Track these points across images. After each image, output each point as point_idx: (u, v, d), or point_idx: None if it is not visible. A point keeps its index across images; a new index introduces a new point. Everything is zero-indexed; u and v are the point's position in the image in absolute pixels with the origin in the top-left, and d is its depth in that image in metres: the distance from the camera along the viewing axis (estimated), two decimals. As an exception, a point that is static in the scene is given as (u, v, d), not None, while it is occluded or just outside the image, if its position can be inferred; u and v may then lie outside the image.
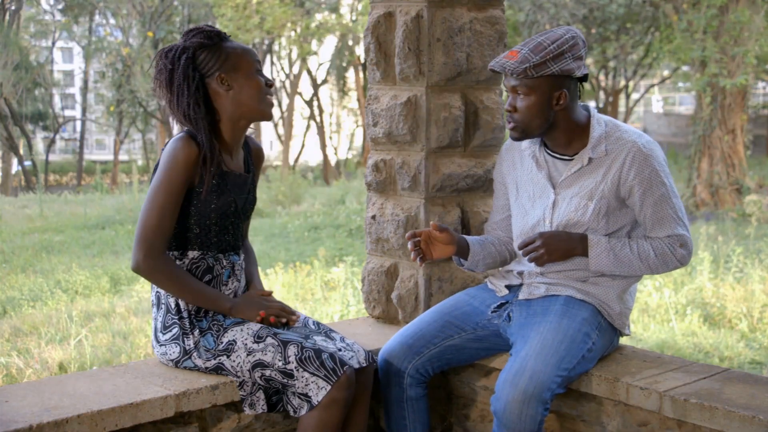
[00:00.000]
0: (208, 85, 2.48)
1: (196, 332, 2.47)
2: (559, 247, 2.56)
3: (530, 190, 2.70)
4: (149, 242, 2.40)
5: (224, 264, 2.56)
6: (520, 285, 2.72)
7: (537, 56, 2.47)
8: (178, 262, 2.49)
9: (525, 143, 2.71)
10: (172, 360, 2.51)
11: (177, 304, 2.48)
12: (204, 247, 2.51)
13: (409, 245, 2.63)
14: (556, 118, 2.56)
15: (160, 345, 2.52)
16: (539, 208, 2.66)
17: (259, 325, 2.48)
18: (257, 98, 2.50)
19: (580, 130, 2.59)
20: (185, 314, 2.48)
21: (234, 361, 2.43)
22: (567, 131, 2.59)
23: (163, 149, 2.47)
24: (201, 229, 2.50)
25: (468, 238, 2.77)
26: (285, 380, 2.41)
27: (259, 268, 8.27)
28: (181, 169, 2.40)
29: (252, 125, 2.64)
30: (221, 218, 2.52)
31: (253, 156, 2.69)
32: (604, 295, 2.61)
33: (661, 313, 6.68)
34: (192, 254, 2.51)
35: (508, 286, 2.75)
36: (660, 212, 2.53)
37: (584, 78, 2.58)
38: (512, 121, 2.58)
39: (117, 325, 6.60)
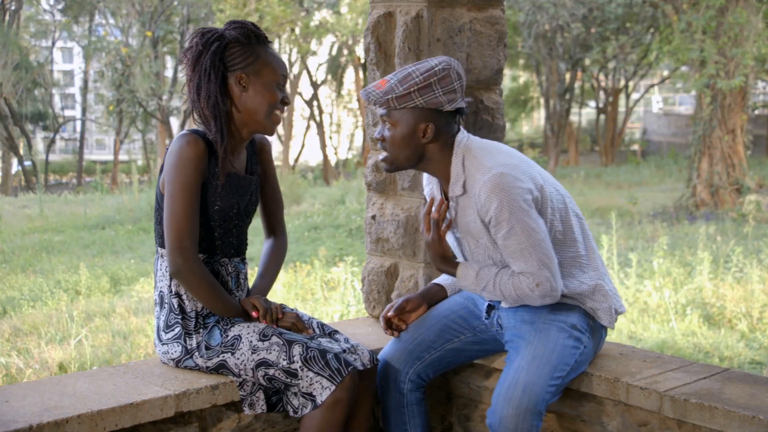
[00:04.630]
0: (228, 79, 2.46)
1: (201, 331, 2.47)
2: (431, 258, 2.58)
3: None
4: (184, 245, 2.38)
5: (230, 270, 2.56)
6: None
7: (402, 87, 2.42)
8: None
9: (425, 180, 2.70)
10: (173, 359, 2.51)
11: (180, 304, 2.48)
12: (208, 250, 2.51)
13: (383, 326, 2.71)
14: (425, 151, 2.49)
15: (163, 344, 2.52)
16: (455, 248, 2.65)
17: (264, 324, 2.48)
18: (265, 110, 2.47)
19: (450, 165, 2.52)
20: (192, 314, 2.48)
21: (238, 358, 2.43)
22: (438, 166, 2.52)
23: (167, 149, 2.46)
24: (206, 230, 2.49)
25: (439, 281, 2.81)
26: (289, 380, 2.41)
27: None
28: (194, 164, 2.38)
29: None
30: (224, 220, 2.51)
31: (258, 151, 2.68)
32: (583, 291, 2.55)
33: (661, 313, 6.68)
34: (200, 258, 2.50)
35: None
36: (508, 247, 2.42)
37: (460, 111, 2.50)
38: (383, 150, 2.54)
39: (117, 325, 6.60)
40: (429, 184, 2.69)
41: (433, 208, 2.56)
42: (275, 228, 2.76)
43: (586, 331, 2.55)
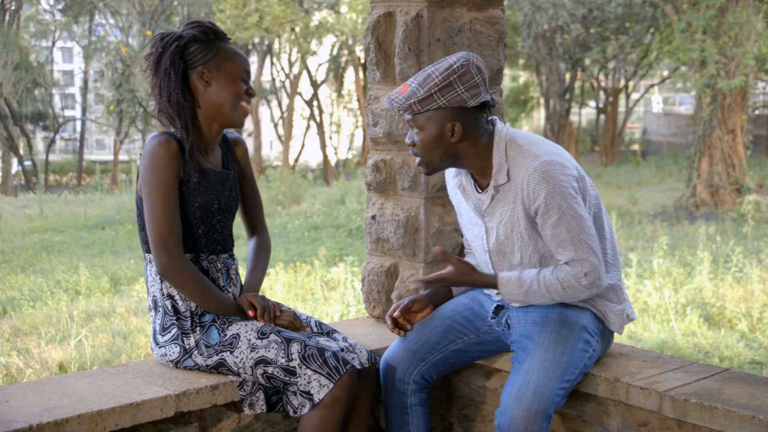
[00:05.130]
0: (190, 77, 2.48)
1: (198, 330, 2.48)
2: (466, 282, 2.56)
3: (466, 218, 2.67)
4: (168, 244, 2.40)
5: (219, 267, 2.57)
6: None
7: (423, 90, 2.41)
8: None
9: (452, 172, 2.68)
10: (171, 361, 2.51)
11: (174, 306, 2.48)
12: (195, 248, 2.52)
13: (390, 325, 2.70)
14: (457, 149, 2.49)
15: (159, 347, 2.52)
16: (477, 237, 2.64)
17: (262, 323, 2.49)
18: (231, 103, 2.48)
19: (489, 157, 2.51)
20: (186, 314, 2.48)
21: (237, 357, 2.43)
22: (474, 161, 2.51)
23: (141, 154, 2.48)
24: (188, 229, 2.50)
25: None
26: (287, 378, 2.41)
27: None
28: (168, 164, 2.40)
29: (250, 126, 2.63)
30: (206, 216, 2.52)
31: (233, 151, 2.69)
32: (597, 296, 2.56)
33: (661, 313, 6.68)
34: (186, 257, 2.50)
35: None
36: (558, 235, 2.40)
37: (486, 105, 2.48)
38: (416, 156, 2.53)
39: (117, 325, 6.61)
40: (458, 175, 2.66)
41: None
42: (256, 227, 2.78)
43: (595, 334, 2.55)
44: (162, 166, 2.39)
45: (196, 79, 2.48)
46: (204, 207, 2.50)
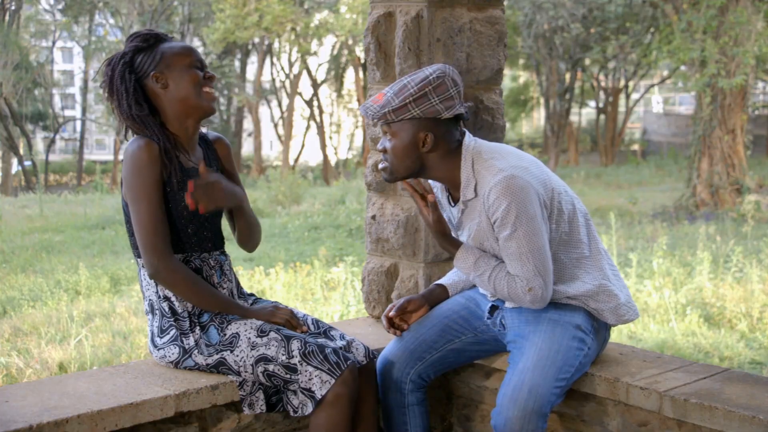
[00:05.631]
0: (146, 86, 2.49)
1: (197, 329, 2.48)
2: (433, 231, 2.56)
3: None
4: (157, 245, 2.40)
5: (212, 264, 2.57)
6: None
7: (398, 99, 2.43)
8: None
9: (431, 183, 2.68)
10: (171, 362, 2.50)
11: (171, 308, 2.49)
12: (186, 248, 2.52)
13: (385, 325, 2.71)
14: (426, 160, 2.50)
15: (158, 349, 2.52)
16: None
17: (262, 321, 2.50)
18: (193, 92, 2.48)
19: (458, 169, 2.52)
20: (184, 315, 2.48)
21: (237, 355, 2.43)
22: (443, 173, 2.53)
23: (122, 160, 2.48)
24: (177, 229, 2.50)
25: (442, 281, 2.81)
26: (288, 375, 2.41)
27: (260, 268, 8.17)
28: (150, 166, 2.40)
29: (250, 126, 2.63)
30: (194, 215, 2.52)
31: (215, 149, 2.69)
32: (586, 292, 2.55)
33: (661, 313, 6.68)
34: (177, 257, 2.51)
35: None
36: (508, 248, 2.43)
37: (460, 117, 2.50)
38: (384, 161, 2.55)
39: (117, 325, 6.61)
40: (435, 187, 2.69)
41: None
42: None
43: (590, 332, 2.55)
44: (145, 169, 2.39)
45: (152, 85, 2.48)
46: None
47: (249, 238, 2.70)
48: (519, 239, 2.41)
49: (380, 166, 2.56)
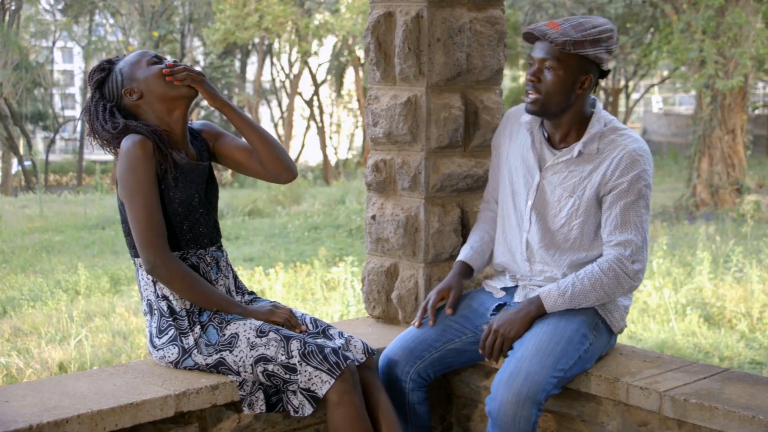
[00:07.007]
0: (126, 107, 2.53)
1: (197, 329, 2.48)
2: (515, 321, 2.52)
3: (519, 166, 2.68)
4: (153, 241, 2.41)
5: (208, 261, 2.58)
6: (515, 287, 2.72)
7: (578, 34, 2.46)
8: None
9: (525, 117, 2.67)
10: (171, 362, 2.50)
11: (169, 307, 2.49)
12: (182, 245, 2.52)
13: (431, 319, 2.69)
14: (575, 102, 2.55)
15: (158, 349, 2.52)
16: (524, 188, 2.66)
17: (261, 321, 2.50)
18: (163, 86, 2.50)
19: (583, 122, 2.58)
20: (182, 314, 2.48)
21: (236, 355, 2.44)
22: (573, 119, 2.58)
23: (116, 161, 2.49)
24: (172, 226, 2.50)
25: (466, 261, 2.79)
26: (288, 375, 2.42)
27: (260, 268, 8.18)
28: (145, 163, 2.41)
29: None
30: (189, 212, 2.52)
31: (203, 139, 2.68)
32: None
33: (661, 313, 6.68)
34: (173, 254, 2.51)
35: (504, 288, 2.75)
36: (625, 216, 2.49)
37: (604, 74, 2.59)
38: (534, 92, 2.54)
39: (117, 325, 6.61)
40: (530, 121, 2.65)
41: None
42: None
43: (593, 328, 2.55)
44: (139, 166, 2.40)
45: (129, 102, 2.52)
46: (185, 202, 2.51)
47: (272, 154, 2.60)
48: (639, 209, 2.49)
49: (529, 98, 2.55)
